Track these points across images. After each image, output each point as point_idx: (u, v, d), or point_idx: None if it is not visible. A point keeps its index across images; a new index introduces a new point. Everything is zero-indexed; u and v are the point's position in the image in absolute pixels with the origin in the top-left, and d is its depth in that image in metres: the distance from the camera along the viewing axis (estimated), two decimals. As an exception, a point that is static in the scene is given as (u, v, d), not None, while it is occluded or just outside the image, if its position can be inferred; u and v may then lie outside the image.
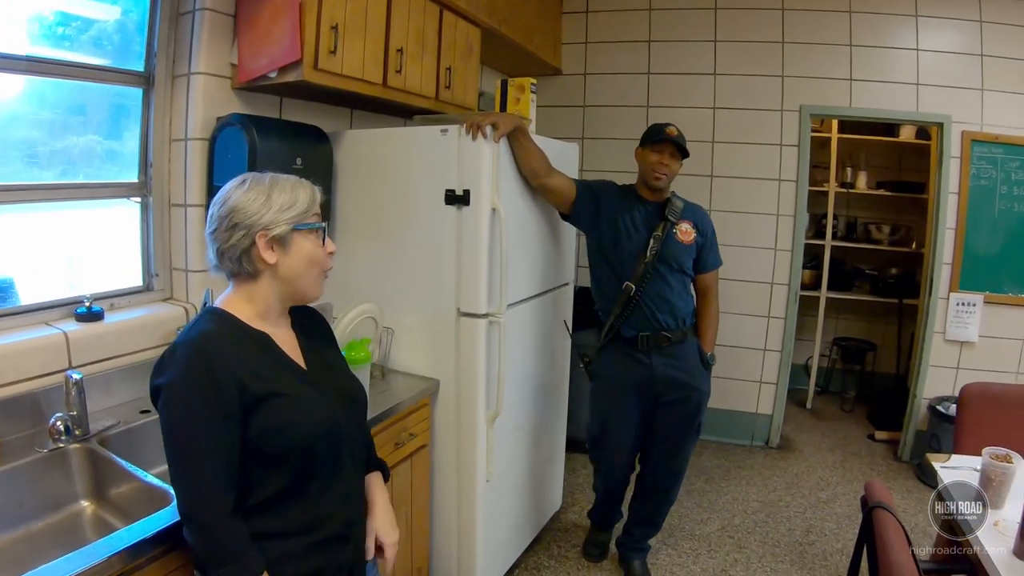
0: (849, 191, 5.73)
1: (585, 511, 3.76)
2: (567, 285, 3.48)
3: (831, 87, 4.44)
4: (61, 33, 2.20)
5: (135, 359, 2.25)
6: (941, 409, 4.36)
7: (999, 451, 2.10)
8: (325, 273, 1.50)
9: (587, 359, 3.08)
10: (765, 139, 4.58)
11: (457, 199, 2.57)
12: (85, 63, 2.26)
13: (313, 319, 1.65)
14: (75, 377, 1.89)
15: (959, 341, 4.48)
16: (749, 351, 4.77)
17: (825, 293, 5.68)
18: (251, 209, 1.37)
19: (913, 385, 4.66)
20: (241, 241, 1.37)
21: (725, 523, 3.74)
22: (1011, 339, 4.41)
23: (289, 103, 2.81)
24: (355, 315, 2.55)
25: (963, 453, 2.54)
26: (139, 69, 2.42)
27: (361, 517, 1.59)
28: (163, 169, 2.50)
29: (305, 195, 1.44)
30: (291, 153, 2.51)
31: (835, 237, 5.75)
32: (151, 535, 1.44)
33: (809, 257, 5.46)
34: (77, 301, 2.19)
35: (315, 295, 1.51)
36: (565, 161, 3.13)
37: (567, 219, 3.03)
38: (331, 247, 1.50)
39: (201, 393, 1.28)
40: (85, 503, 1.88)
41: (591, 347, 3.07)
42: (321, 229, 1.46)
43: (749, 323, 4.71)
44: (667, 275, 2.85)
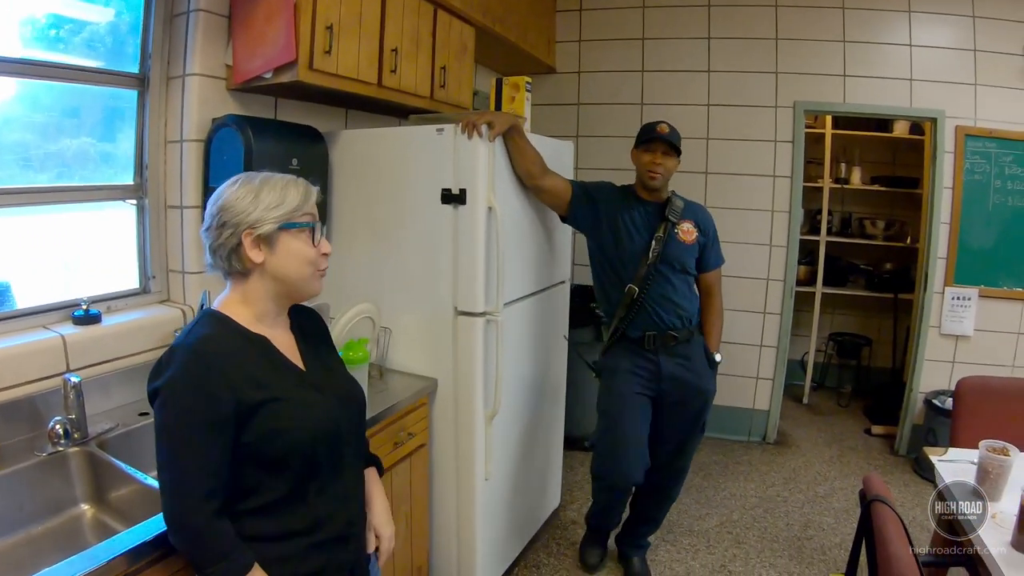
0: (843, 187, 5.76)
1: (583, 509, 3.77)
2: (563, 283, 3.47)
3: (825, 83, 4.45)
4: (54, 36, 2.19)
5: (133, 362, 2.25)
6: (937, 403, 4.38)
7: (996, 444, 2.11)
8: (321, 272, 1.49)
9: (595, 364, 3.05)
10: (759, 135, 4.58)
11: (453, 198, 2.57)
12: (80, 65, 2.26)
13: (311, 320, 1.65)
14: (73, 380, 1.89)
15: (954, 335, 4.50)
16: (745, 347, 4.78)
17: (820, 289, 5.70)
18: (238, 207, 1.37)
19: (909, 379, 4.68)
20: (229, 239, 1.37)
21: (723, 519, 3.75)
22: (1006, 332, 4.43)
23: (284, 104, 2.81)
24: (352, 315, 2.54)
25: (960, 446, 2.55)
26: (134, 71, 2.42)
27: (361, 517, 1.59)
28: (159, 171, 2.49)
29: (296, 194, 1.42)
30: (287, 154, 2.51)
31: (830, 233, 5.76)
32: (152, 537, 1.44)
33: (804, 253, 5.47)
34: (74, 304, 2.18)
35: (311, 293, 1.50)
36: (560, 160, 3.13)
37: (566, 221, 3.01)
38: (325, 247, 1.48)
39: (194, 399, 1.28)
40: (85, 506, 1.88)
41: (587, 344, 3.05)
42: (310, 228, 1.44)
43: (745, 319, 4.72)
44: (670, 276, 2.82)
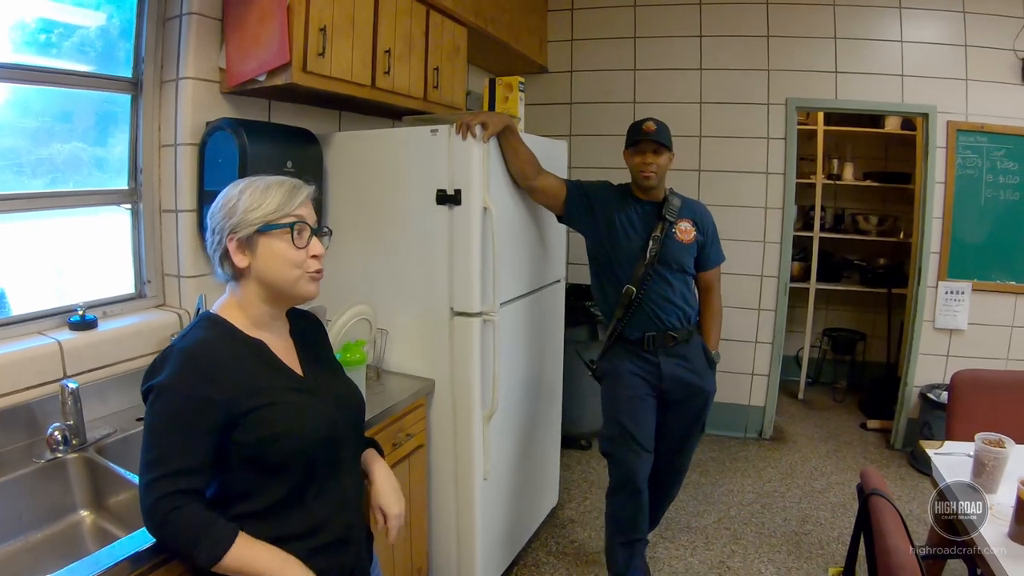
0: (836, 183, 5.77)
1: (581, 507, 3.78)
2: (559, 282, 3.48)
3: (817, 80, 4.47)
4: (44, 40, 2.18)
5: (130, 367, 2.24)
6: (932, 397, 4.39)
7: (991, 436, 2.12)
8: (312, 274, 1.46)
9: (593, 364, 3.02)
10: (752, 133, 4.60)
11: (448, 199, 2.57)
12: (74, 70, 2.25)
13: (310, 323, 1.64)
14: (71, 386, 1.88)
15: (948, 329, 4.52)
16: (740, 344, 4.79)
17: (814, 284, 5.71)
18: (223, 212, 1.39)
19: (904, 374, 4.69)
20: (219, 245, 1.39)
21: (721, 515, 3.76)
22: (1000, 326, 4.46)
23: (277, 106, 2.81)
24: (349, 317, 2.54)
25: (955, 439, 2.56)
26: (126, 75, 2.41)
27: (361, 520, 1.58)
28: (153, 175, 2.49)
29: (278, 195, 1.40)
30: (281, 156, 2.50)
31: (823, 229, 5.78)
32: (153, 543, 1.42)
33: (798, 249, 5.48)
34: (70, 310, 2.18)
35: (303, 295, 1.47)
36: (554, 159, 3.13)
37: (562, 221, 3.00)
38: (315, 249, 1.45)
39: (184, 402, 1.29)
40: (84, 513, 1.87)
41: (583, 343, 3.03)
42: (290, 228, 1.40)
43: (740, 316, 4.73)
44: (668, 276, 2.80)
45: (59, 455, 1.86)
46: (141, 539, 1.44)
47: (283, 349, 1.49)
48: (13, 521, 1.72)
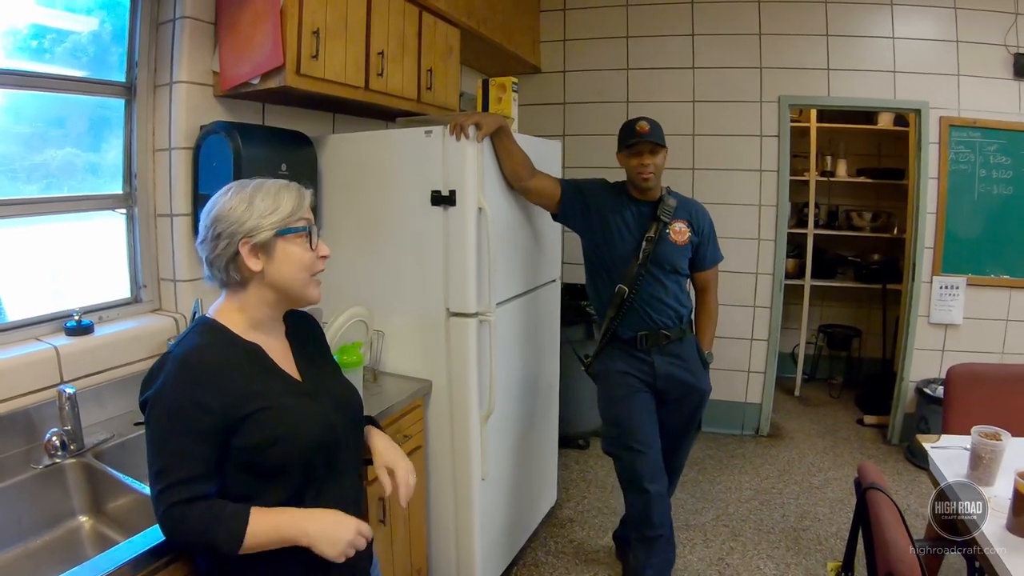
0: (830, 179, 5.79)
1: (579, 506, 3.78)
2: (554, 282, 3.48)
3: (809, 77, 4.48)
4: (36, 46, 2.18)
5: (126, 371, 2.24)
6: (928, 391, 4.40)
7: (988, 429, 2.12)
8: (317, 276, 1.47)
9: (588, 360, 3.01)
10: (745, 130, 4.61)
11: (443, 200, 2.57)
12: (67, 75, 2.25)
13: (307, 325, 1.64)
14: (68, 391, 1.88)
15: (943, 324, 4.53)
16: (736, 341, 4.80)
17: (809, 281, 5.72)
18: (232, 217, 1.36)
19: (900, 369, 4.71)
20: (226, 250, 1.36)
21: (719, 512, 3.77)
22: (995, 320, 4.48)
23: (271, 109, 2.81)
24: (345, 319, 2.54)
25: (952, 433, 2.57)
26: (120, 79, 2.41)
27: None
28: (148, 179, 2.49)
29: (290, 199, 1.41)
30: (276, 159, 2.50)
31: (817, 225, 5.78)
32: (152, 547, 1.43)
33: (792, 246, 5.49)
34: (66, 315, 2.17)
35: (309, 299, 1.48)
36: (548, 159, 3.14)
37: (557, 220, 3.00)
38: (324, 250, 1.46)
39: (182, 409, 1.27)
40: (83, 518, 1.87)
41: (579, 342, 3.02)
42: (307, 232, 1.42)
43: (735, 313, 4.73)
44: (661, 277, 2.78)
45: (57, 460, 1.86)
46: (141, 543, 1.44)
47: (279, 352, 1.48)
48: (12, 527, 1.72)
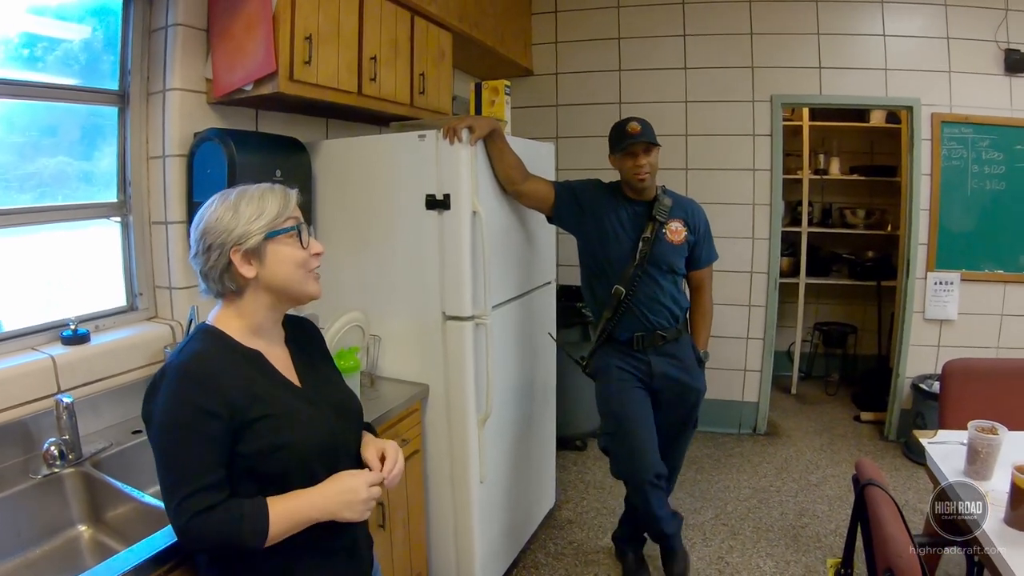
0: (823, 177, 5.79)
1: (578, 507, 3.78)
2: (549, 284, 3.49)
3: (801, 76, 4.49)
4: (28, 55, 2.18)
5: (123, 380, 2.24)
6: (924, 387, 4.42)
7: (984, 424, 2.13)
8: (315, 272, 1.47)
9: (584, 361, 3.00)
10: (738, 130, 4.62)
11: (438, 204, 2.57)
12: (59, 84, 2.25)
13: (306, 331, 1.63)
14: (66, 401, 1.88)
15: (939, 319, 4.55)
16: (732, 340, 4.81)
17: (804, 279, 5.73)
18: (220, 227, 1.35)
19: (895, 365, 4.72)
20: (218, 261, 1.35)
21: (718, 511, 3.77)
22: (989, 315, 4.49)
23: (265, 116, 2.81)
24: (342, 324, 2.55)
25: (949, 428, 2.58)
26: (112, 87, 2.41)
27: (365, 527, 1.58)
28: (142, 187, 2.48)
29: (275, 201, 1.40)
30: (270, 165, 2.50)
31: (811, 223, 5.80)
32: (152, 555, 1.43)
33: (786, 244, 5.50)
34: (62, 324, 2.17)
35: (310, 295, 1.47)
36: (541, 162, 3.14)
37: (552, 222, 3.00)
38: (316, 247, 1.46)
39: (187, 418, 1.26)
40: (82, 527, 1.86)
41: (574, 344, 3.02)
42: (295, 230, 1.42)
43: (731, 312, 4.74)
44: (657, 277, 2.78)
45: (56, 470, 1.86)
46: (141, 551, 1.44)
47: (280, 359, 1.48)
48: (12, 538, 1.72)
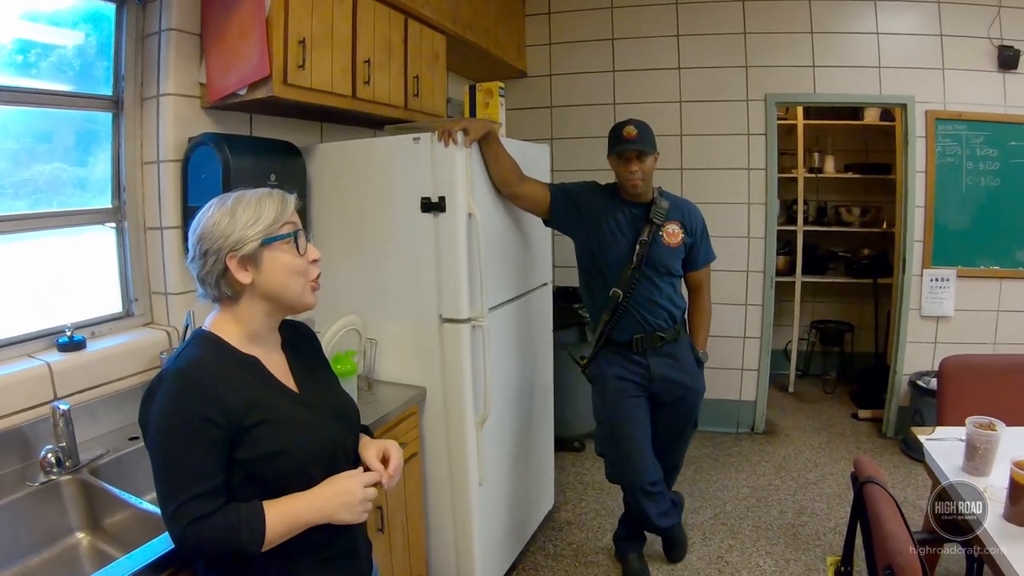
0: (818, 176, 5.81)
1: (577, 509, 3.78)
2: (546, 285, 3.49)
3: (795, 74, 4.49)
4: (21, 61, 2.17)
5: (120, 386, 2.23)
6: (922, 384, 4.42)
7: (982, 420, 2.14)
8: (313, 281, 1.45)
9: (584, 361, 3.00)
10: (732, 129, 4.62)
11: (433, 206, 2.57)
12: (54, 90, 2.24)
13: (303, 336, 1.62)
14: (62, 408, 1.87)
15: (935, 316, 4.55)
16: (729, 339, 4.80)
17: (800, 278, 5.73)
18: (216, 232, 1.34)
19: (893, 362, 4.72)
20: (215, 266, 1.34)
21: (717, 510, 3.77)
22: (986, 311, 4.50)
23: (259, 120, 2.80)
24: (338, 328, 2.54)
25: (947, 425, 2.59)
26: (107, 93, 2.41)
27: (364, 531, 1.58)
28: (137, 193, 2.48)
29: (272, 206, 1.38)
30: (264, 169, 2.50)
31: (806, 222, 5.81)
32: (151, 562, 1.43)
33: (782, 243, 5.51)
34: (58, 331, 2.16)
35: (305, 305, 1.45)
36: (536, 163, 3.14)
37: (548, 225, 3.00)
38: (314, 254, 1.45)
39: (185, 424, 1.25)
40: (80, 535, 1.86)
41: (573, 345, 3.03)
42: (292, 237, 1.40)
43: (727, 311, 4.74)
44: (655, 279, 2.79)
45: (53, 477, 1.85)
46: (140, 558, 1.44)
47: (276, 364, 1.47)
48: (10, 546, 1.71)
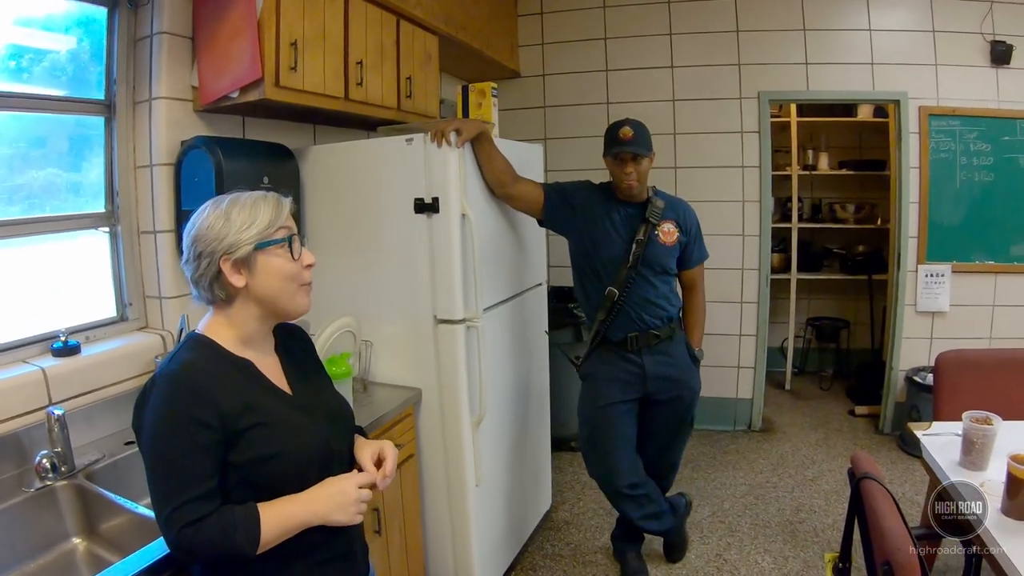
0: (812, 173, 5.81)
1: (575, 509, 3.78)
2: (540, 285, 3.49)
3: (788, 72, 4.51)
4: (14, 67, 2.17)
5: (115, 391, 2.23)
6: (918, 379, 4.43)
7: (979, 414, 2.14)
8: (306, 286, 1.45)
9: (578, 359, 3.00)
10: (726, 127, 4.63)
11: (426, 207, 2.57)
12: (47, 95, 2.24)
13: (297, 338, 1.62)
14: (57, 413, 1.87)
15: (930, 312, 4.56)
16: (725, 337, 4.81)
17: (795, 275, 5.75)
18: (211, 234, 1.33)
19: (889, 358, 4.74)
20: (208, 269, 1.33)
21: (715, 508, 3.77)
22: (981, 306, 4.51)
23: (252, 122, 2.80)
24: (333, 330, 2.54)
25: (943, 420, 2.59)
26: (99, 97, 2.40)
27: (361, 533, 1.58)
28: (130, 197, 2.48)
29: (267, 210, 1.38)
30: (257, 172, 2.50)
31: (801, 219, 5.82)
32: (147, 566, 1.43)
33: (777, 241, 5.52)
34: (52, 336, 2.16)
35: (299, 310, 1.45)
36: (530, 163, 3.13)
37: (543, 225, 2.99)
38: (308, 259, 1.43)
39: (178, 427, 1.25)
40: (77, 540, 1.85)
41: (568, 344, 3.03)
42: (287, 242, 1.39)
43: (723, 309, 4.74)
44: (650, 278, 2.79)
45: (48, 483, 1.85)
46: (136, 562, 1.44)
47: (270, 367, 1.46)
48: (7, 552, 1.70)
